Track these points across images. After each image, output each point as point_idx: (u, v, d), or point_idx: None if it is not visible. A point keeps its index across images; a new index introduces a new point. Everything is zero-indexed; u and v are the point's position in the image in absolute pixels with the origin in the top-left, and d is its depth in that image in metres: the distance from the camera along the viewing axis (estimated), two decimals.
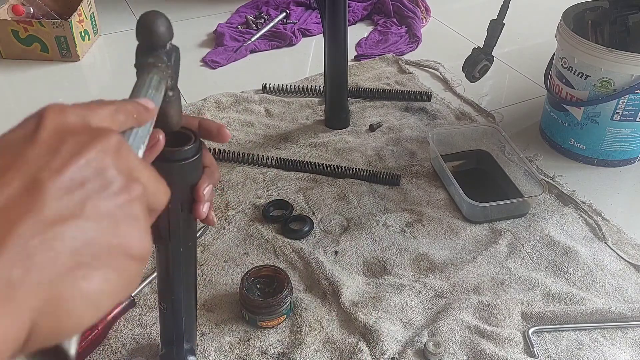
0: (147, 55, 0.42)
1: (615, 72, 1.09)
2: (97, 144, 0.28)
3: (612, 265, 0.97)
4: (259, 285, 0.90)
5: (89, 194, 0.27)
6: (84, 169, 0.27)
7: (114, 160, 0.29)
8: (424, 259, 0.99)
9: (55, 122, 0.28)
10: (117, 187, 0.29)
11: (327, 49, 1.24)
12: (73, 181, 0.27)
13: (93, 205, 0.27)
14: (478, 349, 0.83)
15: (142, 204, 0.30)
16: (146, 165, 0.31)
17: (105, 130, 0.30)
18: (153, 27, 0.41)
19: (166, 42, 0.43)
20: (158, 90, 0.40)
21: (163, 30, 0.42)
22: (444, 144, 1.21)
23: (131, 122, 0.34)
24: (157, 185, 0.32)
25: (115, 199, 0.28)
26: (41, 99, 1.48)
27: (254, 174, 1.18)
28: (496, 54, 1.25)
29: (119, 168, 0.29)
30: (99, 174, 0.28)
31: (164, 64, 0.42)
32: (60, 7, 1.67)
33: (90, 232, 0.27)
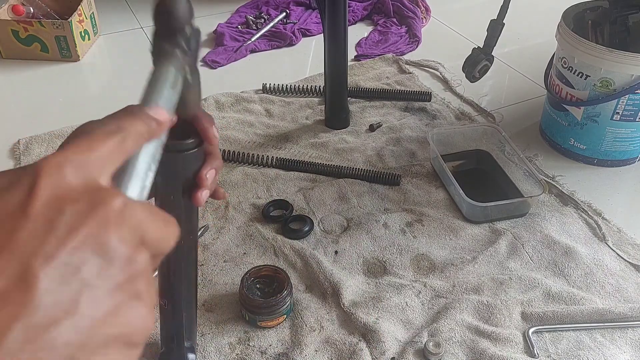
0: (165, 41, 0.38)
1: (615, 72, 1.08)
2: (97, 215, 0.26)
3: (612, 265, 0.97)
4: (259, 285, 0.90)
5: (86, 281, 0.25)
6: (81, 249, 0.25)
7: (117, 230, 0.26)
8: (424, 259, 0.99)
9: (50, 186, 0.25)
10: (119, 263, 0.26)
11: (327, 49, 1.24)
12: (68, 267, 0.24)
13: (90, 295, 0.25)
14: (478, 349, 0.83)
15: (146, 276, 0.27)
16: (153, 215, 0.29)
17: (107, 195, 0.27)
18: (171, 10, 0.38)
19: (184, 26, 0.39)
20: (175, 87, 0.37)
21: (182, 14, 0.38)
22: (444, 144, 1.21)
23: (142, 142, 0.32)
24: (166, 231, 0.30)
25: (116, 279, 0.26)
26: (41, 98, 1.48)
27: (254, 174, 1.18)
28: (496, 54, 1.25)
29: (122, 237, 0.26)
30: (98, 252, 0.25)
31: (182, 50, 0.39)
32: (60, 7, 1.67)
33: (86, 330, 0.24)
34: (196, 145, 0.49)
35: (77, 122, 0.49)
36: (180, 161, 0.48)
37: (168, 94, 0.36)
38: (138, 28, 1.85)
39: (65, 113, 1.41)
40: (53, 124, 1.34)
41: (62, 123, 1.34)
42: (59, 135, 1.30)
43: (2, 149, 1.28)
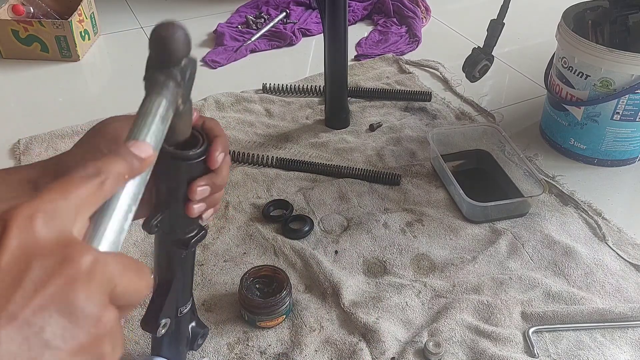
0: (158, 72, 0.37)
1: (615, 72, 1.08)
2: (65, 271, 0.25)
3: (612, 265, 0.97)
4: (258, 285, 0.90)
5: (48, 342, 0.24)
6: (46, 308, 0.24)
7: (85, 288, 0.26)
8: (424, 258, 0.99)
9: (19, 240, 0.25)
10: (84, 324, 0.25)
11: (327, 48, 1.24)
12: (31, 327, 0.24)
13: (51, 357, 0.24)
14: (478, 348, 0.83)
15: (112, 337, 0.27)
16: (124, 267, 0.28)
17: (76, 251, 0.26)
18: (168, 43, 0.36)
19: (181, 59, 0.38)
20: (164, 120, 0.36)
21: (179, 47, 0.37)
22: (444, 144, 1.21)
23: (122, 183, 0.31)
24: (139, 283, 0.29)
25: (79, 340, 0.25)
26: (41, 98, 1.48)
27: (254, 174, 1.18)
28: (496, 54, 1.25)
29: (90, 297, 0.26)
30: (63, 312, 0.25)
31: (176, 82, 0.38)
32: (61, 7, 1.67)
33: None
34: (198, 157, 0.48)
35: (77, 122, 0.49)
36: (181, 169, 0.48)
37: (156, 128, 0.35)
38: (138, 28, 1.85)
39: (65, 113, 1.41)
40: (53, 123, 1.34)
41: (62, 123, 1.34)
42: (58, 135, 1.30)
43: (2, 148, 1.28)
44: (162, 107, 0.36)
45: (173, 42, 0.37)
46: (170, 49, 0.37)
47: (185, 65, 0.39)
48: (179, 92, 0.38)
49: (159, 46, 0.37)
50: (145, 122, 0.35)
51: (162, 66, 0.37)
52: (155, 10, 1.95)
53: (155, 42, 0.37)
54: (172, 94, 0.37)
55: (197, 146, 0.48)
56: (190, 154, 0.48)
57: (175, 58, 0.37)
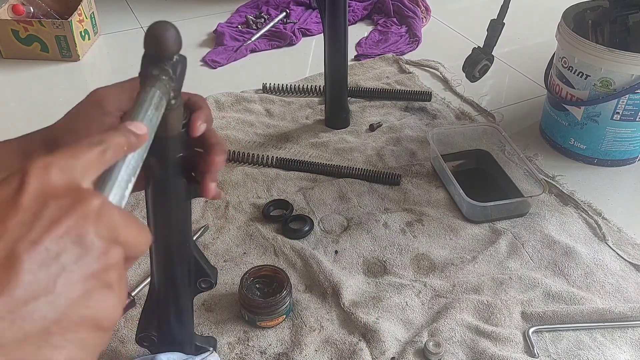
0: (152, 67, 0.42)
1: (615, 71, 1.08)
2: (78, 210, 0.29)
3: (612, 265, 0.97)
4: (258, 285, 0.90)
5: (64, 265, 0.28)
6: (62, 238, 0.28)
7: (95, 225, 0.29)
8: (424, 258, 0.99)
9: (37, 183, 0.29)
10: (94, 254, 0.29)
11: (327, 48, 1.24)
12: (49, 252, 0.28)
13: (67, 278, 0.28)
14: (478, 348, 0.83)
15: (118, 270, 0.31)
16: (127, 220, 0.32)
17: (87, 194, 0.30)
18: (161, 39, 0.41)
19: (173, 55, 0.42)
20: (158, 107, 0.40)
21: (171, 43, 0.41)
22: (444, 144, 1.21)
23: (121, 154, 0.34)
24: (139, 237, 0.32)
25: (90, 267, 0.29)
26: (41, 98, 1.48)
27: (254, 174, 1.18)
28: (496, 54, 1.25)
29: (99, 233, 0.29)
30: (77, 242, 0.29)
31: (168, 76, 0.42)
32: (61, 7, 1.67)
33: (61, 308, 0.28)
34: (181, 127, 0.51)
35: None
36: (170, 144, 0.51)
37: (151, 114, 0.39)
38: (138, 28, 1.85)
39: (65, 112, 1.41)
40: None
41: None
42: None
43: None
44: (156, 97, 0.40)
45: (166, 39, 0.41)
46: (163, 45, 0.41)
47: (177, 61, 0.43)
48: (171, 85, 0.42)
49: (152, 43, 0.41)
50: (140, 108, 0.39)
51: (156, 61, 0.42)
52: (155, 10, 1.95)
53: (150, 39, 0.41)
54: (164, 86, 0.41)
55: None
56: None
57: (168, 54, 0.42)
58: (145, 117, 0.38)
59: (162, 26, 0.41)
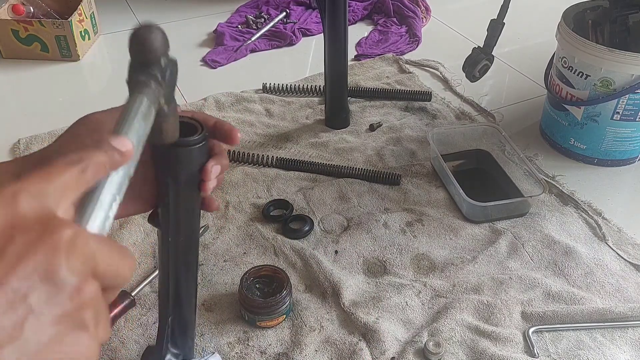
0: (140, 72, 0.39)
1: (615, 71, 1.08)
2: (46, 243, 0.26)
3: (612, 265, 0.97)
4: (258, 285, 0.90)
5: (32, 307, 0.25)
6: (29, 276, 0.26)
7: (67, 259, 0.27)
8: (424, 258, 0.99)
9: (3, 215, 0.26)
10: (66, 292, 0.27)
11: (327, 48, 1.24)
12: (16, 294, 0.25)
13: (35, 322, 0.25)
14: (478, 348, 0.83)
15: (94, 306, 0.28)
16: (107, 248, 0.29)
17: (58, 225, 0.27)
18: (146, 43, 0.38)
19: (160, 58, 0.40)
20: (146, 117, 0.38)
21: (157, 46, 0.39)
22: (444, 144, 1.21)
23: (103, 173, 0.32)
24: (121, 265, 0.30)
25: (62, 307, 0.26)
26: (41, 98, 1.48)
27: (254, 174, 1.18)
28: (496, 54, 1.25)
29: (72, 267, 0.27)
30: (46, 280, 0.26)
31: (157, 82, 0.40)
32: (61, 7, 1.67)
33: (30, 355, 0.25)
34: (201, 141, 0.51)
35: None
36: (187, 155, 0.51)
37: (138, 125, 0.36)
38: None
39: (65, 113, 1.41)
40: (53, 123, 1.34)
41: (62, 123, 1.34)
42: (58, 134, 1.29)
43: (3, 148, 1.28)
44: (144, 106, 0.37)
45: (150, 42, 0.38)
46: (148, 49, 0.38)
47: (165, 65, 0.40)
48: (160, 91, 0.40)
49: (137, 47, 0.39)
50: (126, 119, 0.36)
51: (142, 67, 0.39)
52: (156, 10, 1.95)
53: (134, 44, 0.39)
54: (153, 93, 0.39)
55: (197, 133, 0.51)
56: (192, 140, 0.50)
57: (154, 58, 0.39)
58: (132, 128, 0.36)
59: (146, 29, 0.39)
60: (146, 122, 0.38)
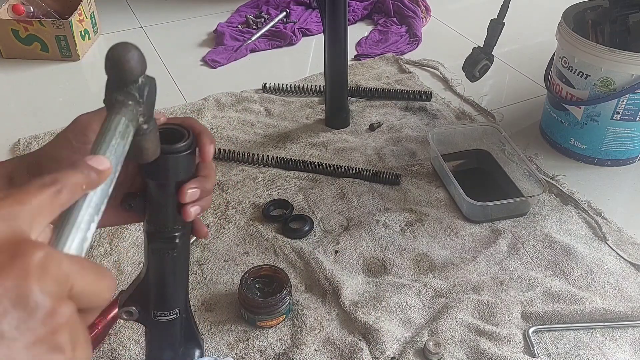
0: (116, 92, 0.39)
1: (615, 71, 1.08)
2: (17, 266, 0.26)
3: (612, 265, 0.97)
4: (258, 285, 0.90)
5: (3, 333, 0.25)
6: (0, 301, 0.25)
7: (39, 281, 0.26)
8: (424, 258, 0.99)
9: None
10: (39, 316, 0.26)
11: (327, 48, 1.24)
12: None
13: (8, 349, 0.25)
14: (478, 348, 0.83)
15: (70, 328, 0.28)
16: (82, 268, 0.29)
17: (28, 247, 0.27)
18: (122, 62, 0.38)
19: (137, 77, 0.40)
20: (124, 136, 0.38)
21: (133, 65, 0.39)
22: (444, 144, 1.21)
23: (80, 194, 0.32)
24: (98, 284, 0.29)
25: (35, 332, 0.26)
26: (41, 98, 1.48)
27: (254, 174, 1.18)
28: (496, 54, 1.25)
29: (45, 289, 0.26)
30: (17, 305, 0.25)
31: (135, 101, 0.39)
32: (61, 7, 1.67)
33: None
34: (186, 149, 0.50)
35: None
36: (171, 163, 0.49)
37: (116, 144, 0.36)
38: (138, 27, 1.85)
39: (65, 112, 1.41)
40: (53, 123, 1.34)
41: (62, 122, 1.33)
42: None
43: (3, 148, 1.28)
44: (121, 125, 0.37)
45: (127, 62, 0.38)
46: (125, 68, 0.38)
47: (143, 84, 0.40)
48: (139, 110, 0.40)
49: (114, 67, 0.38)
50: (104, 139, 0.36)
51: (120, 86, 0.39)
52: (155, 10, 1.95)
53: (110, 64, 0.38)
54: (131, 112, 0.39)
55: (184, 139, 0.50)
56: (179, 146, 0.49)
57: (132, 77, 0.39)
58: (109, 147, 0.36)
59: (122, 48, 0.39)
60: (124, 140, 0.38)
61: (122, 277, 0.95)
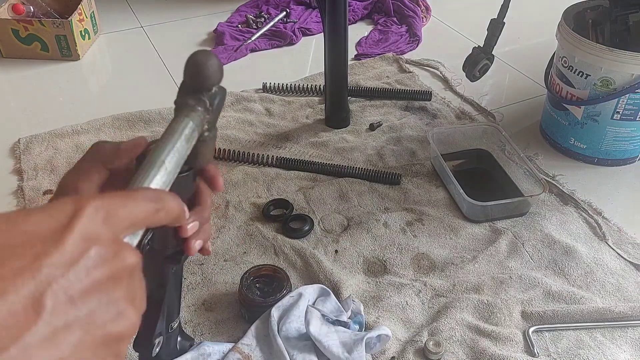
0: (189, 96, 0.40)
1: (615, 71, 1.08)
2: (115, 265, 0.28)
3: (612, 265, 0.97)
4: (258, 284, 0.90)
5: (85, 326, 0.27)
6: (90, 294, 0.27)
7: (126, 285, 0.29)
8: (424, 258, 0.99)
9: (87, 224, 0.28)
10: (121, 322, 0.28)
11: (328, 48, 1.24)
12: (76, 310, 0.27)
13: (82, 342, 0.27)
14: (478, 348, 0.83)
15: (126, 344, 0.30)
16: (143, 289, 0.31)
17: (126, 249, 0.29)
18: (202, 69, 0.39)
19: (212, 86, 0.40)
20: (189, 139, 0.39)
21: (212, 73, 0.39)
22: (444, 143, 1.21)
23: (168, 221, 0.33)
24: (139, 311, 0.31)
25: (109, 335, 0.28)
26: (41, 98, 1.48)
27: (254, 173, 1.18)
28: (496, 53, 1.25)
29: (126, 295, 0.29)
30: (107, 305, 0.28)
31: (204, 108, 0.40)
32: (61, 6, 1.67)
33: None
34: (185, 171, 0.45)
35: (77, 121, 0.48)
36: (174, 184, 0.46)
37: (181, 146, 0.38)
38: (138, 27, 1.85)
39: (65, 112, 1.41)
40: (53, 123, 1.34)
41: (62, 122, 1.34)
42: (59, 134, 1.30)
43: (3, 147, 1.28)
44: (188, 128, 0.38)
45: (207, 68, 0.39)
46: (204, 75, 0.39)
47: (215, 93, 0.41)
48: (206, 117, 0.40)
49: (193, 72, 0.39)
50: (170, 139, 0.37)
51: (194, 91, 0.40)
52: (156, 10, 1.95)
53: (190, 68, 0.39)
54: (199, 118, 0.40)
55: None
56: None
57: (207, 85, 0.40)
58: (175, 150, 0.37)
59: (204, 55, 0.39)
60: (188, 144, 0.39)
61: None
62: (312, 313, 0.80)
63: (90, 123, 1.33)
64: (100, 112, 1.36)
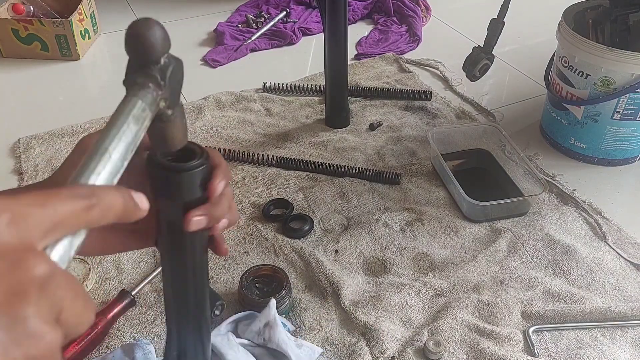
0: (137, 73, 0.35)
1: (615, 71, 1.08)
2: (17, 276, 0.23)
3: (612, 264, 0.97)
4: (258, 284, 0.90)
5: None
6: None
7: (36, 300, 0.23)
8: (424, 257, 0.99)
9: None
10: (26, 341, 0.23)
11: (328, 47, 1.24)
12: None
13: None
14: (478, 348, 0.83)
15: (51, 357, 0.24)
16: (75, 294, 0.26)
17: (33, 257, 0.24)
18: (143, 40, 0.34)
19: (160, 57, 0.36)
20: (138, 122, 0.34)
21: (155, 42, 0.35)
22: (445, 143, 1.21)
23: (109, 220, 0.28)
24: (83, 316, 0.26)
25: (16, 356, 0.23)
26: (41, 98, 1.48)
27: (254, 173, 1.18)
28: (497, 53, 1.25)
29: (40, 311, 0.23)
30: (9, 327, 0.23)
31: (155, 83, 0.36)
32: (61, 6, 1.67)
33: None
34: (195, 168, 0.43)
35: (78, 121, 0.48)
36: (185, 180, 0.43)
37: (129, 129, 0.33)
38: None
39: (65, 112, 1.41)
40: (53, 122, 1.34)
41: (62, 122, 1.34)
42: (59, 134, 1.30)
43: (3, 147, 1.28)
44: (136, 108, 0.34)
45: (148, 38, 0.34)
46: (147, 46, 0.35)
47: (165, 64, 0.36)
48: (159, 93, 0.36)
49: (133, 45, 0.35)
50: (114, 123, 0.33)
51: (140, 67, 0.36)
52: (156, 10, 1.95)
53: (130, 41, 0.35)
54: (151, 95, 0.35)
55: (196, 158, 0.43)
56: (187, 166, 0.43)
57: (153, 56, 0.35)
58: (119, 133, 0.32)
59: (142, 24, 0.34)
60: (138, 125, 0.34)
61: (122, 277, 0.95)
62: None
63: (90, 123, 1.33)
64: (100, 112, 1.36)
